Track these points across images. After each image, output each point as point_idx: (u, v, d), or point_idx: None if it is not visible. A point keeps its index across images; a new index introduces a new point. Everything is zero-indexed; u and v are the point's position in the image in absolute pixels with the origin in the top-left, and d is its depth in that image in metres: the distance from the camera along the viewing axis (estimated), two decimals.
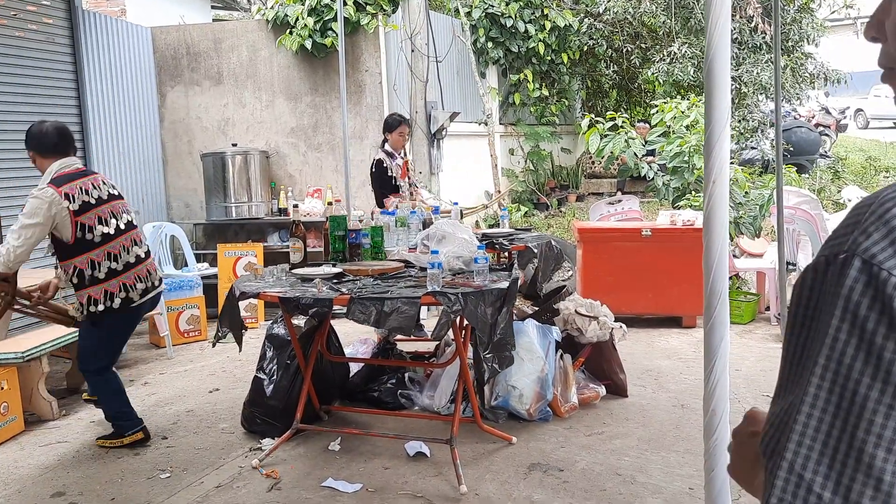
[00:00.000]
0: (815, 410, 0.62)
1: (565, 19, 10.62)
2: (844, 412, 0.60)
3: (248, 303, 6.44)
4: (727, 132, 1.84)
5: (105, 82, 6.92)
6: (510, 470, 3.59)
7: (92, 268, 3.79)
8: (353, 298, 3.36)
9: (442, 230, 4.08)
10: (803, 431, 0.62)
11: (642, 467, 3.58)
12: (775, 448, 0.64)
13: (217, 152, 7.28)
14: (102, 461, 3.88)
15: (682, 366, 5.09)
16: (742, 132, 10.24)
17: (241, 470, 3.71)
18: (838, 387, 0.61)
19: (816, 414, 0.61)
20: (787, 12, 10.08)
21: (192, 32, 7.88)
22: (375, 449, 3.88)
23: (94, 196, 3.82)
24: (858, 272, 0.60)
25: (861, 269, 0.60)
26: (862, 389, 0.59)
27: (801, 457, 0.62)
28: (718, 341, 1.90)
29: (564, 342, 4.49)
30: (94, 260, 3.79)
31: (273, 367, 4.17)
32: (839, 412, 0.60)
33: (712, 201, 1.87)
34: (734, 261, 6.46)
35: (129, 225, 3.98)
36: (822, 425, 0.61)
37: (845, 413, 0.60)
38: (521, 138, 11.13)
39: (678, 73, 9.92)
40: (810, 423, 0.62)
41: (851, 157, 14.16)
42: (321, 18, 7.30)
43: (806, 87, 10.83)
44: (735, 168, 7.32)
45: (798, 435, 0.62)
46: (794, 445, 0.62)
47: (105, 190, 3.92)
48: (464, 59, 9.75)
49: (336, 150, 7.49)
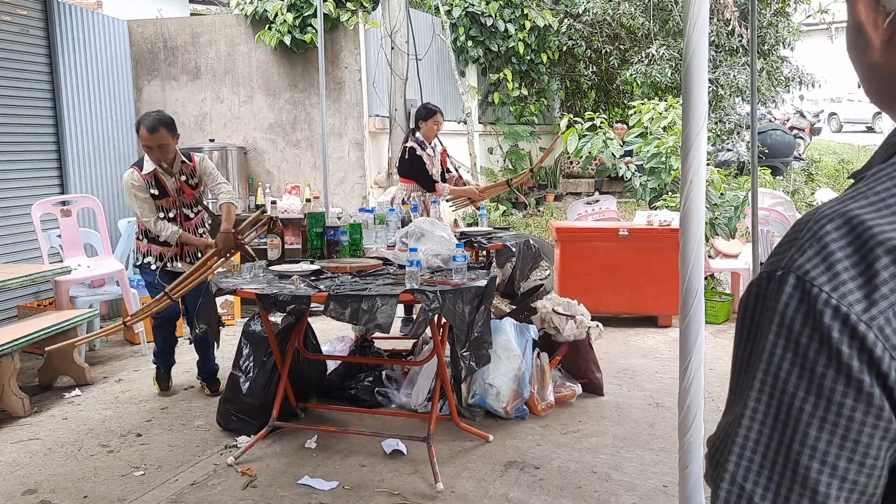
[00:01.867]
0: (755, 423, 0.63)
1: (545, 19, 10.66)
2: (781, 425, 0.62)
3: (225, 299, 6.40)
4: (704, 133, 1.86)
5: (80, 76, 6.83)
6: (487, 468, 3.60)
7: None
8: (331, 295, 3.35)
9: (421, 228, 4.08)
10: (743, 444, 0.64)
11: (617, 465, 3.61)
12: (719, 459, 0.66)
13: (194, 147, 7.19)
14: (75, 458, 3.84)
15: (658, 365, 5.14)
16: (718, 134, 10.34)
17: (217, 467, 3.68)
18: (775, 400, 0.62)
19: (756, 427, 0.63)
20: (763, 16, 10.20)
21: (170, 26, 7.80)
22: (352, 447, 3.88)
23: None
24: (793, 289, 0.62)
25: (795, 285, 0.62)
26: (797, 403, 0.61)
27: (742, 468, 0.64)
28: (693, 340, 1.92)
29: (541, 341, 4.51)
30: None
31: (249, 365, 4.14)
32: (776, 425, 0.62)
33: (689, 201, 1.89)
34: (709, 261, 6.53)
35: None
36: (761, 438, 0.63)
37: (782, 426, 0.62)
38: (500, 137, 11.15)
39: (656, 74, 10.00)
40: (750, 435, 0.64)
41: (825, 159, 14.37)
42: (301, 14, 7.26)
43: (781, 90, 10.97)
44: (711, 170, 7.39)
45: (739, 447, 0.64)
46: (735, 458, 0.64)
47: None
48: (443, 58, 9.76)
49: (315, 147, 7.46)
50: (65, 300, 5.42)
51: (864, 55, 0.72)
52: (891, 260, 0.59)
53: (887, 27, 0.69)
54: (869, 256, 0.60)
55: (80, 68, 6.83)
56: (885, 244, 0.60)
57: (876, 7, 0.69)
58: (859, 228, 0.61)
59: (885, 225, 0.61)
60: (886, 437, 0.60)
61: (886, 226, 0.61)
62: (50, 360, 4.96)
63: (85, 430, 4.23)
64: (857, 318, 0.59)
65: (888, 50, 0.70)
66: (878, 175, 0.65)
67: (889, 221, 0.61)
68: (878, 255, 0.60)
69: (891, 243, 0.60)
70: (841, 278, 0.60)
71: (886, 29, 0.69)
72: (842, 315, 0.60)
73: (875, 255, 0.60)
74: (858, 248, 0.61)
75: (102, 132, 7.15)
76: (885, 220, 0.61)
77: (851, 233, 0.61)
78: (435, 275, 3.69)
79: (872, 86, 0.74)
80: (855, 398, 0.59)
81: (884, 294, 0.59)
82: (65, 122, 6.60)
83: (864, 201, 0.63)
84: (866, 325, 0.59)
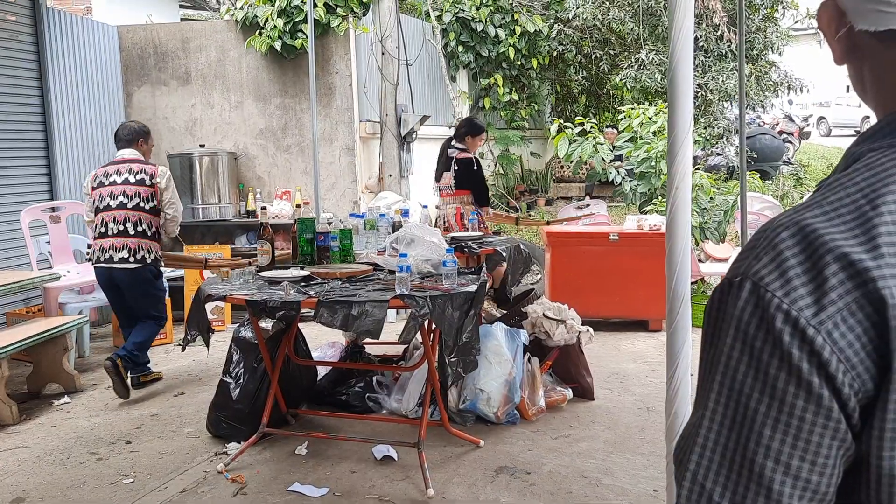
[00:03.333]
0: (714, 424, 0.66)
1: (535, 25, 10.69)
2: (738, 425, 0.64)
3: (215, 305, 6.38)
4: (690, 138, 1.88)
5: (70, 81, 6.81)
6: (478, 473, 3.60)
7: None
8: (321, 301, 3.34)
9: (411, 233, 4.08)
10: (704, 444, 0.66)
11: (608, 470, 3.61)
12: (682, 459, 0.68)
13: (184, 153, 7.20)
14: (64, 466, 3.82)
15: (648, 369, 5.15)
16: (708, 139, 10.39)
17: (207, 475, 3.67)
18: (732, 401, 0.65)
19: (715, 427, 0.66)
20: (751, 21, 10.26)
21: (160, 32, 7.79)
22: (343, 453, 3.87)
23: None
24: (749, 294, 0.64)
25: (751, 291, 0.64)
26: (752, 404, 0.64)
27: (702, 468, 0.66)
28: (681, 344, 1.93)
29: (532, 345, 4.52)
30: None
31: (240, 371, 4.13)
32: (734, 425, 0.64)
33: (675, 206, 1.90)
34: (699, 265, 6.55)
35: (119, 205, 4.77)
36: (720, 438, 0.65)
37: (739, 426, 0.64)
38: (490, 142, 11.17)
39: (646, 79, 10.04)
40: (710, 435, 0.66)
41: (814, 164, 14.44)
42: (291, 20, 7.26)
43: (770, 94, 11.03)
44: (700, 174, 7.42)
45: (699, 447, 0.66)
46: (696, 457, 0.67)
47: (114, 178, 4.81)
48: (434, 63, 9.77)
49: (305, 152, 7.45)
50: (54, 307, 5.40)
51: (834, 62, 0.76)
52: (839, 267, 0.61)
53: (843, 39, 0.72)
54: (819, 263, 0.62)
55: (69, 74, 6.81)
56: (835, 252, 0.62)
57: (840, 19, 0.72)
58: (811, 237, 0.63)
59: (836, 234, 0.63)
60: (836, 437, 0.62)
61: (837, 235, 0.62)
62: (38, 367, 4.94)
63: (74, 437, 4.20)
64: (806, 323, 0.61)
65: (848, 59, 0.74)
66: (833, 185, 0.68)
67: (840, 231, 0.63)
68: (827, 263, 0.62)
69: (840, 251, 0.62)
70: (792, 284, 0.62)
71: (843, 40, 0.73)
72: (792, 319, 0.62)
73: (825, 263, 0.62)
74: (810, 256, 0.63)
75: (92, 138, 7.13)
76: (836, 229, 0.63)
77: (804, 241, 0.63)
78: (425, 280, 3.69)
79: (851, 84, 0.78)
80: (806, 399, 0.62)
81: (832, 299, 0.61)
82: (54, 127, 6.58)
83: (818, 210, 0.65)
84: (815, 329, 0.61)
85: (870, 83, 0.73)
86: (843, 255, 0.61)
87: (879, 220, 0.62)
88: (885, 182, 0.64)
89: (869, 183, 0.65)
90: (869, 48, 0.71)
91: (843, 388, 0.61)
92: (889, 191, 0.63)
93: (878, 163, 0.66)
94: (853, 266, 0.61)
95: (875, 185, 0.64)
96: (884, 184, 0.64)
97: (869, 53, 0.71)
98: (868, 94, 0.74)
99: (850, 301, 0.61)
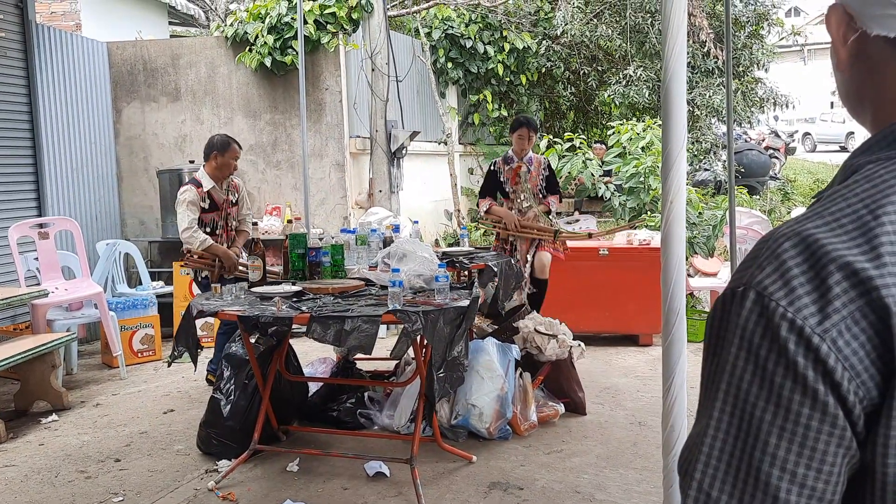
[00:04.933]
0: (720, 433, 0.66)
1: (524, 41, 10.76)
2: (744, 434, 0.65)
3: (205, 322, 6.34)
4: (684, 153, 1.89)
5: (59, 97, 6.79)
6: (470, 489, 3.58)
7: None
8: (314, 317, 3.33)
9: (403, 248, 4.08)
10: (709, 453, 0.66)
11: (601, 485, 3.60)
12: (687, 469, 0.68)
13: (174, 169, 7.17)
14: (52, 485, 3.77)
15: (639, 383, 5.15)
16: (696, 154, 10.47)
17: (197, 492, 3.63)
18: (738, 410, 0.65)
19: (720, 436, 0.66)
20: (738, 38, 10.37)
21: (150, 48, 7.79)
22: (334, 469, 3.84)
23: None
24: (753, 304, 0.65)
25: (755, 300, 0.65)
26: (757, 413, 0.64)
27: (708, 476, 0.66)
28: (676, 358, 1.93)
29: (524, 360, 4.51)
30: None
31: (230, 387, 4.10)
32: (739, 434, 0.65)
33: (670, 220, 1.91)
34: (689, 280, 6.58)
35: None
36: (725, 446, 0.66)
37: (744, 435, 0.65)
38: (480, 158, 11.20)
39: (634, 95, 10.12)
40: (715, 444, 0.66)
41: (800, 179, 14.58)
42: (281, 36, 7.28)
43: (756, 110, 11.14)
44: (689, 189, 7.47)
45: (705, 456, 0.67)
46: (701, 466, 0.67)
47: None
48: (424, 79, 9.81)
49: (295, 168, 7.45)
50: (42, 324, 5.35)
51: (836, 68, 0.76)
52: (843, 276, 0.62)
53: (853, 44, 0.72)
54: (823, 273, 0.63)
55: (58, 90, 6.79)
56: (838, 261, 0.62)
57: (849, 23, 0.72)
58: (814, 246, 0.64)
59: (838, 243, 0.63)
60: (842, 445, 0.63)
61: (840, 244, 0.63)
62: (26, 384, 4.89)
63: (62, 455, 4.16)
64: (811, 331, 0.62)
65: (852, 65, 0.74)
66: (834, 196, 0.68)
67: (842, 240, 0.64)
68: (831, 272, 0.62)
69: (843, 260, 0.62)
70: (797, 293, 0.63)
71: (852, 45, 0.72)
72: (797, 328, 0.62)
73: (828, 272, 0.62)
74: (813, 265, 0.63)
75: (81, 154, 7.10)
76: (838, 238, 0.64)
77: (807, 251, 0.64)
78: (417, 295, 3.69)
79: (842, 97, 0.78)
80: (811, 407, 0.62)
81: (836, 308, 0.62)
82: (42, 143, 6.55)
83: (820, 221, 0.66)
84: (820, 338, 0.62)
85: (873, 92, 0.73)
86: (847, 265, 0.62)
87: (881, 230, 0.63)
88: (885, 193, 0.65)
89: (870, 194, 0.66)
90: (882, 55, 0.71)
91: (849, 395, 0.62)
92: (889, 201, 0.64)
93: (877, 174, 0.67)
94: (857, 275, 0.62)
95: (875, 196, 0.65)
96: (884, 195, 0.65)
97: (879, 60, 0.71)
98: (867, 104, 0.74)
99: (854, 310, 0.61)
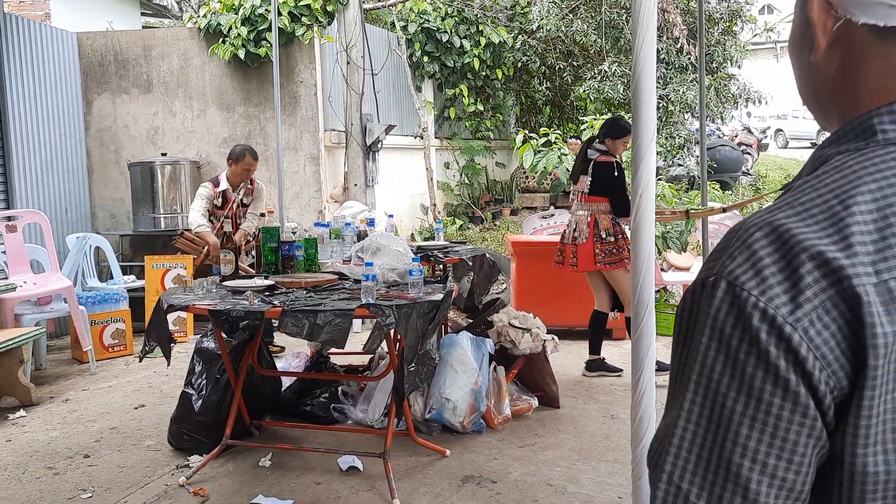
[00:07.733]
0: (690, 424, 0.65)
1: (500, 36, 10.77)
2: (715, 425, 0.64)
3: (177, 316, 6.28)
4: (653, 147, 1.90)
5: (27, 88, 6.68)
6: (444, 483, 3.59)
7: None
8: (286, 311, 3.31)
9: (377, 242, 4.07)
10: (679, 444, 0.66)
11: (573, 477, 3.63)
12: (657, 461, 0.68)
13: (145, 162, 7.10)
14: (19, 481, 3.72)
15: (613, 377, 5.19)
16: (669, 149, 10.54)
17: (168, 488, 3.60)
18: (709, 401, 0.65)
19: (691, 427, 0.65)
20: (711, 35, 10.46)
21: (121, 39, 7.68)
22: (307, 464, 3.83)
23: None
24: (724, 293, 0.64)
25: (726, 290, 0.64)
26: (729, 403, 0.63)
27: (678, 469, 0.66)
28: (646, 351, 1.95)
29: (498, 354, 4.52)
30: None
31: (202, 382, 4.07)
32: (710, 425, 0.64)
33: (639, 214, 1.92)
34: (662, 274, 6.63)
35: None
36: (696, 438, 0.65)
37: (715, 426, 0.64)
38: (456, 152, 11.20)
39: (609, 90, 10.16)
40: (686, 436, 0.66)
41: (772, 174, 14.76)
42: (255, 28, 7.22)
43: (729, 107, 11.23)
44: (662, 184, 7.53)
45: (675, 448, 0.66)
46: (671, 458, 0.66)
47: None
48: (400, 73, 9.78)
49: (270, 162, 7.40)
50: (9, 318, 5.26)
51: (807, 55, 0.74)
52: (814, 265, 0.62)
53: (835, 31, 0.71)
54: (794, 262, 0.62)
55: (27, 81, 6.67)
56: (810, 250, 0.62)
57: (828, 9, 0.71)
58: (785, 236, 0.63)
59: (809, 233, 0.63)
60: (812, 435, 0.62)
61: (811, 234, 0.63)
62: None
63: (30, 451, 4.10)
64: (783, 320, 0.61)
65: (829, 53, 0.72)
66: (804, 187, 0.68)
67: (813, 230, 0.63)
68: (802, 261, 0.62)
69: (814, 249, 0.62)
70: (768, 283, 0.63)
71: (834, 32, 0.71)
72: (769, 317, 0.62)
73: (800, 261, 0.62)
74: (784, 255, 0.63)
75: (50, 146, 6.99)
76: (809, 228, 0.63)
77: (778, 240, 0.64)
78: (391, 289, 3.68)
79: (807, 86, 0.77)
80: (783, 397, 0.62)
81: (808, 297, 0.61)
82: (10, 135, 6.43)
83: (791, 211, 0.65)
84: (792, 327, 0.61)
85: (849, 81, 0.72)
86: (819, 254, 0.62)
87: (852, 219, 0.63)
88: (854, 184, 0.65)
89: (840, 185, 0.65)
90: (865, 44, 0.70)
91: (819, 385, 0.61)
92: (859, 192, 0.64)
93: (847, 165, 0.67)
94: (828, 264, 0.61)
95: (845, 186, 0.65)
96: (854, 185, 0.65)
97: (861, 49, 0.70)
98: (839, 93, 0.73)
99: (826, 299, 0.61)
